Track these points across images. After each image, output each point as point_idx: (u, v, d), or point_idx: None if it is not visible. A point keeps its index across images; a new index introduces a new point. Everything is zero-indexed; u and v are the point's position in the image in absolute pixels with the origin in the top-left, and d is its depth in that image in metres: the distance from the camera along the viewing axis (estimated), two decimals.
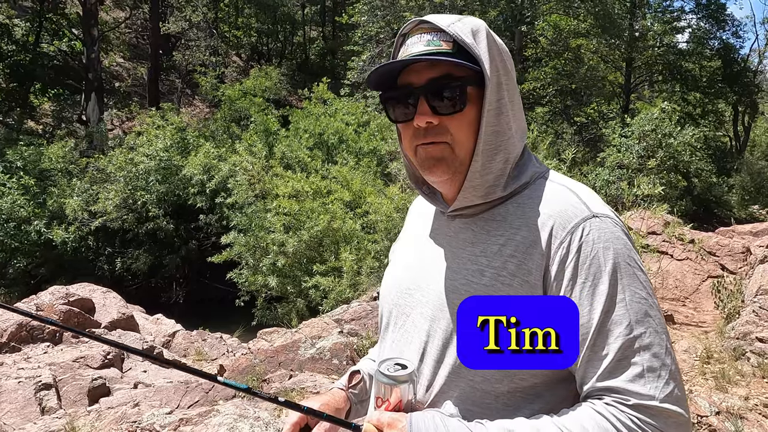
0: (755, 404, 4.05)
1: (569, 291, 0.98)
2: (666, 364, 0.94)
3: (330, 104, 15.96)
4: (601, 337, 0.95)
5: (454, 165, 1.07)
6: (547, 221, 1.02)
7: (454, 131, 1.05)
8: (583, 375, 0.97)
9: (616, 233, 1.00)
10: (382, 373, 1.05)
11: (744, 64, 24.79)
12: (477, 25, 1.06)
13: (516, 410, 1.00)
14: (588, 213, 1.01)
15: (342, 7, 28.23)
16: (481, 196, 1.08)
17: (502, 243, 1.05)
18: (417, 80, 1.05)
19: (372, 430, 0.99)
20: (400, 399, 1.04)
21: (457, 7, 17.44)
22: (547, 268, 1.00)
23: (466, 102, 1.03)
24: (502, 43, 1.10)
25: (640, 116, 13.49)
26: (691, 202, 16.71)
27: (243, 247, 10.85)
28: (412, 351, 1.11)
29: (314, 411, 1.10)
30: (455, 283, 1.07)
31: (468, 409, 1.02)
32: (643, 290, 0.98)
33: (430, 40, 1.04)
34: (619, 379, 0.93)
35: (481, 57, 1.02)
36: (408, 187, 10.01)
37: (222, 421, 3.09)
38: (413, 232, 1.28)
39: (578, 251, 0.98)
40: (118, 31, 24.74)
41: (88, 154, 16.22)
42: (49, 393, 5.30)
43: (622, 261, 0.98)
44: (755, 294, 5.49)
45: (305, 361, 4.57)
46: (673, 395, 0.92)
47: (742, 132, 25.97)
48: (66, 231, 13.89)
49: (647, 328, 0.95)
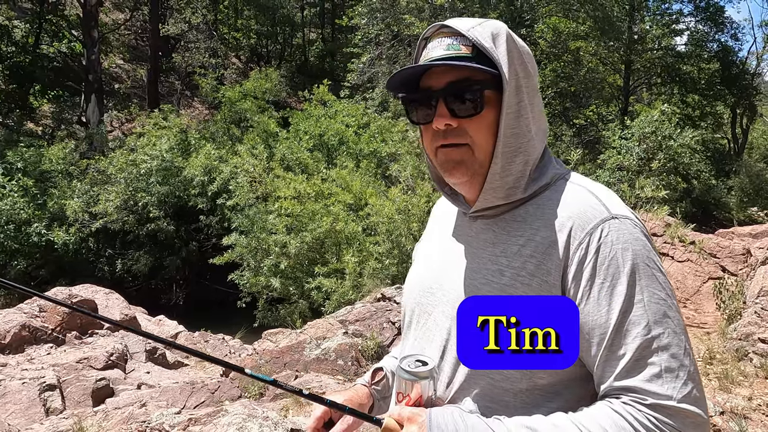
0: (759, 404, 4.07)
1: (588, 291, 0.99)
2: (684, 365, 0.94)
3: (330, 106, 15.99)
4: (619, 337, 0.96)
5: (474, 167, 1.09)
6: (567, 222, 1.03)
7: (473, 133, 1.07)
8: (601, 374, 0.98)
9: (635, 234, 1.01)
10: (404, 369, 1.07)
11: (742, 67, 24.88)
12: (497, 29, 1.07)
13: (534, 408, 1.01)
14: (607, 214, 1.02)
15: (341, 10, 28.28)
16: (502, 198, 1.10)
17: (522, 244, 1.06)
18: (436, 83, 1.07)
19: (393, 424, 1.01)
20: (421, 395, 1.06)
21: (456, 10, 17.49)
22: (565, 268, 1.01)
23: (483, 105, 1.05)
24: (524, 45, 1.12)
25: (640, 118, 13.52)
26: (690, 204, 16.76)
27: (244, 248, 10.86)
28: (434, 348, 1.12)
29: (337, 404, 1.12)
30: (475, 282, 1.09)
31: (487, 406, 1.04)
32: (662, 291, 0.98)
33: (450, 44, 1.06)
34: (637, 378, 0.94)
35: (499, 61, 1.04)
36: (409, 188, 10.05)
37: (231, 420, 3.10)
38: (436, 232, 1.30)
39: (597, 252, 0.99)
40: (117, 33, 24.74)
41: (89, 155, 16.20)
42: (54, 394, 5.30)
43: (640, 262, 0.99)
44: (757, 295, 5.51)
45: (310, 361, 4.58)
46: (691, 396, 0.93)
47: (740, 134, 26.04)
48: (66, 233, 13.88)
49: (666, 328, 0.95)
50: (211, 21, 25.70)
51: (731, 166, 22.81)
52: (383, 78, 18.87)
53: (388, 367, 1.35)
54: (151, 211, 13.94)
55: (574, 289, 1.00)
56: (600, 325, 0.97)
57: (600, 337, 0.97)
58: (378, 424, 1.04)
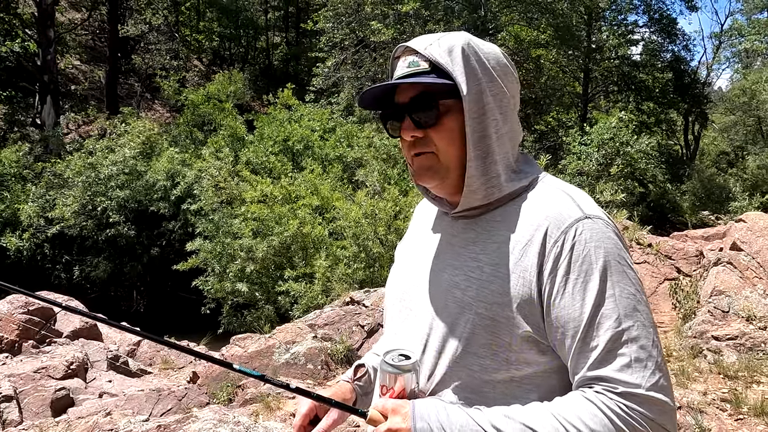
0: (713, 399, 4.26)
1: (563, 286, 1.04)
2: (652, 356, 1.00)
3: (295, 110, 15.89)
4: (591, 329, 1.01)
5: (441, 172, 1.15)
6: (543, 222, 1.09)
7: (437, 141, 1.13)
8: (575, 365, 1.04)
9: (608, 233, 1.07)
10: (387, 362, 1.11)
11: (694, 76, 25.90)
12: (452, 44, 1.14)
13: (513, 399, 1.06)
14: (581, 214, 1.08)
15: (306, 14, 28.17)
16: (482, 198, 1.15)
17: (501, 241, 1.12)
18: (403, 99, 1.16)
19: (377, 415, 1.06)
20: (404, 387, 1.10)
21: (421, 17, 17.67)
22: (542, 265, 1.06)
23: (440, 115, 1.12)
24: (491, 50, 1.17)
25: (599, 125, 13.93)
26: (646, 208, 17.33)
27: (209, 254, 10.68)
28: (415, 343, 1.17)
29: (323, 398, 1.16)
30: (456, 279, 1.13)
31: (467, 397, 1.08)
32: (631, 287, 1.04)
33: (411, 62, 1.14)
34: (608, 368, 0.99)
35: (453, 73, 1.11)
36: (375, 192, 10.08)
37: (202, 426, 3.07)
38: (418, 232, 1.35)
39: (571, 249, 1.05)
40: (74, 33, 24.01)
41: (44, 158, 15.65)
42: (10, 405, 5.11)
43: (612, 259, 1.04)
44: (710, 295, 5.76)
45: (280, 366, 4.56)
46: (658, 384, 0.99)
47: (692, 141, 27.06)
48: (20, 238, 13.38)
49: (635, 321, 1.01)
50: (173, 22, 25.21)
51: (684, 171, 23.68)
52: (348, 83, 18.88)
53: (369, 364, 1.39)
54: (110, 216, 13.51)
55: (549, 285, 1.05)
56: (574, 318, 1.03)
57: (574, 330, 1.03)
58: (363, 416, 1.08)
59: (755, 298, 5.51)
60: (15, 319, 6.53)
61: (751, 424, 3.87)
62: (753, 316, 5.27)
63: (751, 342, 5.03)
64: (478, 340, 1.08)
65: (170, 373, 6.97)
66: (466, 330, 1.09)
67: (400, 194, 9.95)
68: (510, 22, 20.28)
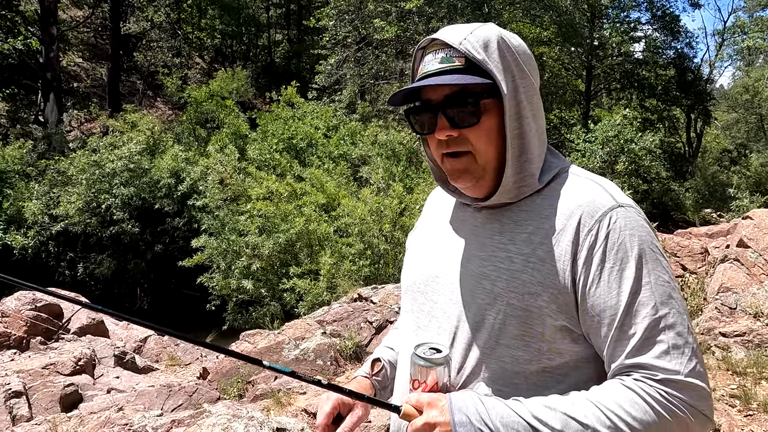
0: (722, 395, 4.26)
1: (598, 275, 1.04)
2: (689, 342, 1.01)
3: (298, 108, 15.87)
4: (629, 317, 1.01)
5: (477, 173, 1.14)
6: (576, 211, 1.08)
7: (474, 141, 1.11)
8: (612, 353, 1.04)
9: (640, 222, 1.08)
10: (419, 356, 1.10)
11: (696, 73, 25.85)
12: (487, 37, 1.11)
13: (545, 390, 1.06)
14: (614, 203, 1.08)
15: (308, 11, 28.13)
16: (513, 197, 1.15)
17: (530, 231, 1.11)
18: (435, 96, 1.12)
19: (411, 410, 1.05)
20: (436, 381, 1.09)
21: (425, 15, 17.64)
22: (576, 254, 1.06)
23: (480, 115, 1.10)
24: (519, 44, 1.16)
25: (603, 122, 13.91)
26: (650, 206, 17.32)
27: (214, 250, 10.69)
28: (443, 336, 1.16)
29: (356, 393, 1.16)
30: (485, 270, 1.12)
31: (499, 389, 1.08)
32: (666, 274, 1.05)
33: (443, 57, 1.10)
34: (647, 356, 1.00)
35: (493, 71, 1.08)
36: (381, 190, 10.09)
37: (216, 421, 3.08)
38: (433, 221, 1.33)
39: (606, 238, 1.05)
40: (77, 31, 24.00)
41: (47, 156, 15.66)
42: (20, 401, 5.13)
43: (646, 247, 1.05)
44: (717, 292, 5.77)
45: (289, 362, 4.57)
46: (695, 370, 0.99)
47: (695, 138, 27.03)
48: (25, 236, 13.39)
49: (671, 308, 1.02)
50: (175, 20, 25.19)
51: (687, 168, 23.66)
52: (351, 80, 18.87)
53: (385, 358, 1.38)
54: (114, 213, 13.54)
55: (584, 273, 1.05)
56: (611, 306, 1.03)
57: (611, 318, 1.03)
58: (396, 411, 1.07)
59: (762, 295, 5.51)
60: (23, 315, 6.55)
61: (761, 419, 3.88)
62: (760, 312, 5.27)
63: (759, 338, 5.03)
64: (510, 331, 1.08)
65: (177, 370, 6.99)
66: (497, 321, 1.08)
67: (405, 191, 9.95)
68: (513, 20, 20.25)
